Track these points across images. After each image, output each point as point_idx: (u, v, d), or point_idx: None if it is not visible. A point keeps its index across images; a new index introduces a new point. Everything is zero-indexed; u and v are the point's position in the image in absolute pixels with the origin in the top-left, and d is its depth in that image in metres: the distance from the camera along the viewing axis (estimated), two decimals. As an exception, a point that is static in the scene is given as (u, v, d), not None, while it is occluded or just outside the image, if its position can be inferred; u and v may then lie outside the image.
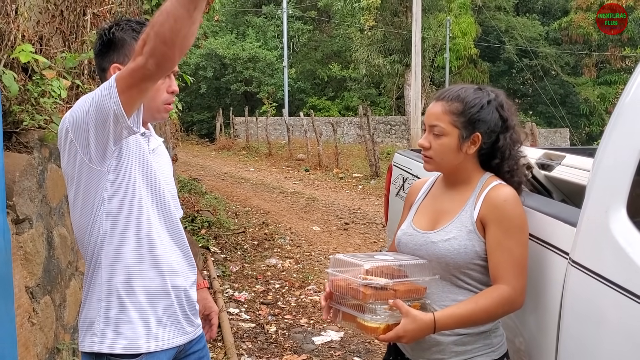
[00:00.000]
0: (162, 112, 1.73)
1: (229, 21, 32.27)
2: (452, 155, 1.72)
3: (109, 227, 1.64)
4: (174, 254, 1.74)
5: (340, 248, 7.37)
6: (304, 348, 4.28)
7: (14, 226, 2.34)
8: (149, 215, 1.68)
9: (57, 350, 2.70)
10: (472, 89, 1.76)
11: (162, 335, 1.69)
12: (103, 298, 1.65)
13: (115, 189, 1.63)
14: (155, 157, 1.76)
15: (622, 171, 1.42)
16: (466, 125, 1.69)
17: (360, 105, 18.22)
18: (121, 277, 1.65)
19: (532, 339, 1.78)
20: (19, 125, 2.51)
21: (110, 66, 1.67)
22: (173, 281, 1.72)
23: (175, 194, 1.87)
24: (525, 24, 32.63)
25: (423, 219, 1.80)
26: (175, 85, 1.73)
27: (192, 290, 1.81)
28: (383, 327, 1.58)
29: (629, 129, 1.45)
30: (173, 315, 1.72)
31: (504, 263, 1.62)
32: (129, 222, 1.65)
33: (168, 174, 1.83)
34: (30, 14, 2.91)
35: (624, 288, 1.33)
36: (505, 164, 1.74)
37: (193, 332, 1.81)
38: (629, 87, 1.49)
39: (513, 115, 1.76)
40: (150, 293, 1.68)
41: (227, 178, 14.39)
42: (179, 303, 1.74)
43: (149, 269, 1.68)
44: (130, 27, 1.68)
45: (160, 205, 1.71)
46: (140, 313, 1.66)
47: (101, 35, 1.70)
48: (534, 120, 28.01)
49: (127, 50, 1.66)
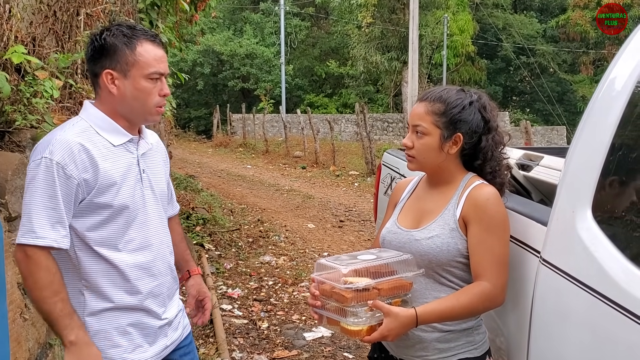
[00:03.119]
0: (154, 114, 1.77)
1: (226, 17, 32.25)
2: (434, 154, 1.76)
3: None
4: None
5: (334, 245, 7.42)
6: (295, 344, 4.33)
7: (7, 224, 2.39)
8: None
9: (50, 345, 2.75)
10: (455, 90, 1.80)
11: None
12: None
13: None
14: (144, 160, 1.81)
15: (589, 172, 1.47)
16: (447, 126, 1.74)
17: (357, 103, 18.24)
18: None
19: (510, 336, 1.82)
20: (12, 125, 2.55)
21: (103, 72, 1.70)
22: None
23: (165, 194, 1.92)
24: (522, 21, 32.69)
25: (407, 218, 1.84)
26: (166, 89, 1.76)
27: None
28: (366, 329, 1.60)
29: (595, 131, 1.50)
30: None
31: (485, 260, 1.66)
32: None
33: (158, 175, 1.88)
34: (23, 15, 2.95)
35: (589, 286, 1.39)
36: (487, 165, 1.78)
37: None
38: (597, 91, 1.54)
39: (495, 117, 1.80)
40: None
41: (223, 175, 14.42)
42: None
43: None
44: (122, 33, 1.70)
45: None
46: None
47: (92, 40, 1.73)
48: (531, 118, 28.06)
49: (118, 56, 1.69)
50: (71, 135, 1.67)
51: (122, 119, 1.76)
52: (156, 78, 1.73)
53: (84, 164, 1.65)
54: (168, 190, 1.99)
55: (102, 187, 1.68)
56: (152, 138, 1.92)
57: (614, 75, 1.54)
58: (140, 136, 1.83)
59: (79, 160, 1.64)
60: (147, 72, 1.70)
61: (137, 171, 1.78)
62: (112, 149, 1.72)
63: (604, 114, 1.49)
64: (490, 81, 32.12)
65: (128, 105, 1.73)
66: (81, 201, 1.68)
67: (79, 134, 1.68)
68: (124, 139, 1.75)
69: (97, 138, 1.70)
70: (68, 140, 1.65)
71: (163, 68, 1.74)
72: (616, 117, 1.46)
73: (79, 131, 1.69)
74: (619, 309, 1.28)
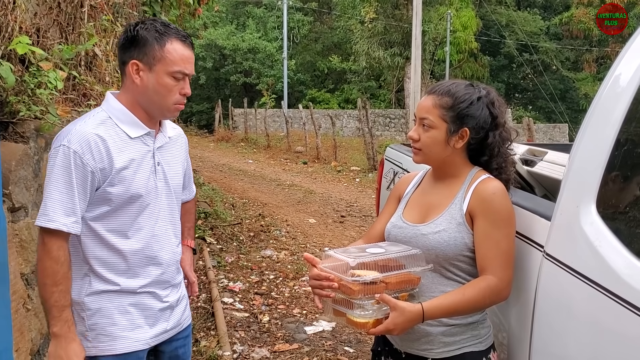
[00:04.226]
0: (172, 111, 1.83)
1: (229, 12, 32.21)
2: (439, 148, 1.76)
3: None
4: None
5: (335, 241, 7.43)
6: (295, 337, 4.35)
7: (10, 214, 2.40)
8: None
9: (52, 336, 2.76)
10: (464, 84, 1.79)
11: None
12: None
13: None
14: (160, 153, 1.87)
15: (593, 168, 1.47)
16: (454, 120, 1.73)
17: (359, 99, 18.23)
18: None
19: (512, 331, 1.83)
20: (16, 116, 2.55)
21: (130, 61, 1.76)
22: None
23: (179, 186, 1.98)
24: (526, 18, 32.60)
25: (413, 212, 1.83)
26: (188, 89, 1.82)
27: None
28: (372, 322, 1.61)
29: (600, 127, 1.50)
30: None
31: (491, 254, 1.66)
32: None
33: (174, 167, 1.94)
34: (27, 6, 2.95)
35: (592, 280, 1.39)
36: (493, 161, 1.78)
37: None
38: (602, 87, 1.54)
39: (503, 113, 1.79)
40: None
41: (225, 170, 14.43)
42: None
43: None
44: (155, 28, 1.76)
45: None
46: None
47: (126, 30, 1.80)
48: (533, 115, 28.03)
49: (147, 49, 1.75)
50: (90, 126, 1.74)
51: (142, 111, 1.81)
52: (180, 77, 1.78)
53: (100, 154, 1.72)
54: (185, 180, 2.06)
55: (116, 177, 1.74)
56: (172, 131, 1.97)
57: (619, 71, 1.54)
58: (159, 129, 1.89)
59: (95, 151, 1.71)
60: (172, 70, 1.76)
61: (152, 163, 1.84)
62: (128, 141, 1.78)
63: (609, 109, 1.49)
64: (492, 78, 32.05)
65: (148, 97, 1.78)
66: (96, 189, 1.74)
67: (97, 125, 1.75)
68: (141, 132, 1.81)
69: (115, 129, 1.77)
70: (86, 131, 1.72)
71: (188, 69, 1.79)
72: (621, 113, 1.46)
73: (98, 122, 1.76)
74: (623, 302, 1.28)
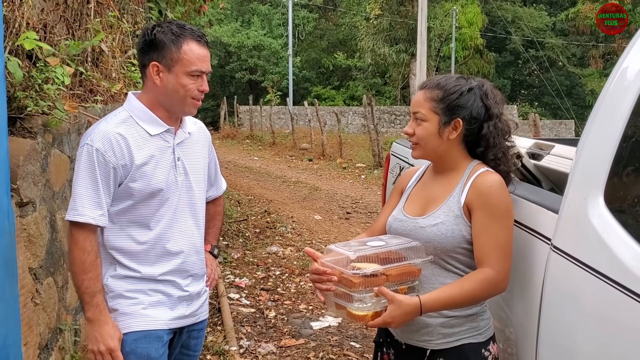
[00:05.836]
0: (191, 107, 1.91)
1: (234, 9, 32.21)
2: (433, 140, 1.78)
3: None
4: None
5: (341, 237, 7.43)
6: (302, 333, 4.36)
7: (18, 209, 2.41)
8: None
9: (60, 330, 2.78)
10: (454, 77, 1.83)
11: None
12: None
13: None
14: (180, 149, 1.95)
15: (601, 161, 1.47)
16: (445, 111, 1.76)
17: (365, 95, 18.20)
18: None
19: (519, 324, 1.83)
20: (23, 111, 2.56)
21: (150, 64, 1.85)
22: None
23: (202, 180, 2.05)
24: (532, 14, 32.45)
25: (413, 206, 1.86)
26: (205, 86, 1.90)
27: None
28: (371, 314, 1.63)
29: (608, 120, 1.50)
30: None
31: (488, 247, 1.68)
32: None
33: (195, 162, 2.01)
34: (34, 2, 2.96)
35: (600, 272, 1.39)
36: (489, 152, 1.79)
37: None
38: (610, 81, 1.54)
39: (498, 105, 1.80)
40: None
41: (230, 167, 14.45)
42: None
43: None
44: (171, 30, 1.84)
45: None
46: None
47: (144, 34, 1.88)
48: (539, 111, 27.93)
49: (165, 52, 1.83)
50: (112, 125, 1.86)
51: (162, 110, 1.91)
52: (197, 75, 1.86)
53: (121, 151, 1.84)
54: (211, 174, 2.17)
55: (136, 172, 1.86)
56: (193, 127, 2.05)
57: (627, 64, 1.54)
58: (180, 126, 1.98)
59: (116, 148, 1.83)
60: (189, 70, 1.84)
61: (172, 159, 1.93)
62: (148, 138, 1.89)
63: (616, 102, 1.49)
64: (498, 74, 31.95)
65: (168, 96, 1.88)
66: (120, 185, 1.86)
67: (118, 125, 1.87)
68: (160, 129, 1.91)
69: (136, 127, 1.88)
70: (108, 130, 1.85)
71: (205, 67, 1.87)
72: (629, 106, 1.45)
73: (119, 121, 1.88)
74: (631, 294, 1.28)
